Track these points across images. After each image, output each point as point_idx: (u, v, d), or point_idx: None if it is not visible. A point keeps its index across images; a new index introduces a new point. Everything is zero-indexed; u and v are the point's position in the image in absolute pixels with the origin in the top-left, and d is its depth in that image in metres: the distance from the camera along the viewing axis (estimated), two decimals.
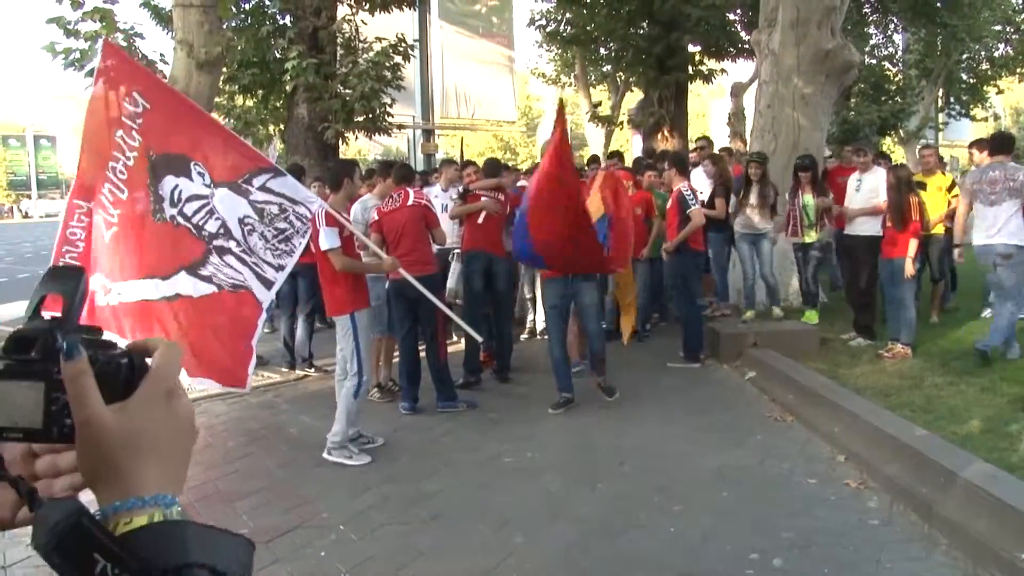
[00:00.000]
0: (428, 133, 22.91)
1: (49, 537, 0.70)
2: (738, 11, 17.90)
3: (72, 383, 0.72)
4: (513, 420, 6.84)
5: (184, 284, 5.20)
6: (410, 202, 7.04)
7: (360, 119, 13.28)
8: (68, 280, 0.74)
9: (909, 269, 7.77)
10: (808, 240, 9.48)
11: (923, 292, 9.08)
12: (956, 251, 8.29)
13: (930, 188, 9.20)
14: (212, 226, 5.18)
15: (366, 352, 6.09)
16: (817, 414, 6.43)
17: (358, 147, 28.08)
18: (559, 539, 4.60)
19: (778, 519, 4.72)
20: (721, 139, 20.82)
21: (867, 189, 8.63)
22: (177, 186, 5.20)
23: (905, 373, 7.22)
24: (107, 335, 0.80)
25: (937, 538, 4.39)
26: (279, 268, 5.33)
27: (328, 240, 5.83)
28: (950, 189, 9.40)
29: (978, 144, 8.55)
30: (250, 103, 15.02)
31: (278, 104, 14.33)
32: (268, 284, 5.31)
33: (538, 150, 39.98)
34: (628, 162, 12.41)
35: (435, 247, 7.31)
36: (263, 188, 5.28)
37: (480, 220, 8.08)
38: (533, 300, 10.41)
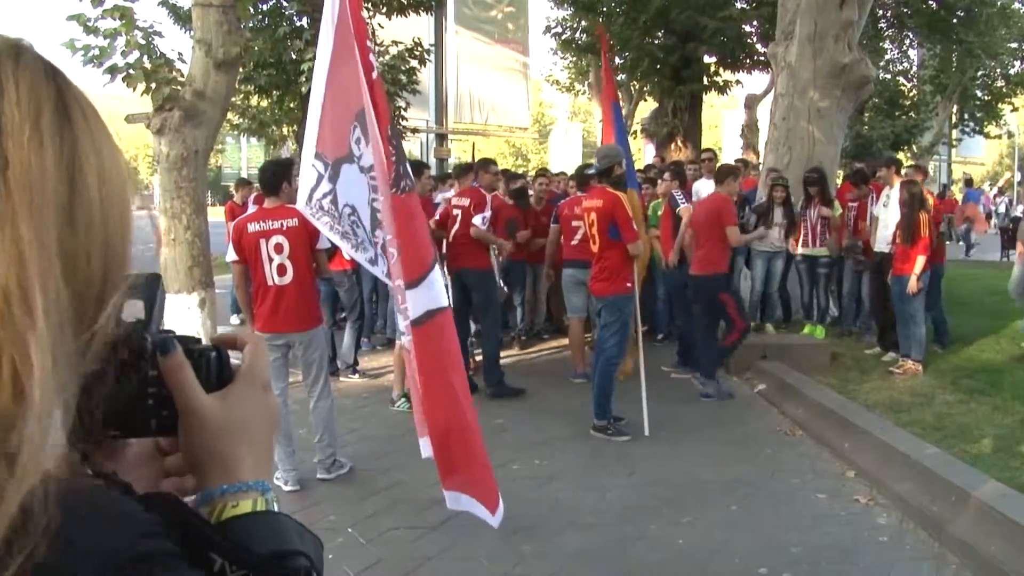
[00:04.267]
0: (441, 137, 22.93)
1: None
2: (754, 23, 17.90)
3: (172, 376, 0.76)
4: (522, 427, 6.83)
5: (432, 294, 3.87)
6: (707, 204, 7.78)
7: None
8: (146, 287, 0.77)
9: (913, 285, 7.76)
10: (818, 253, 9.52)
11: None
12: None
13: None
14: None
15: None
16: (827, 429, 6.41)
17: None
18: (568, 548, 4.59)
19: (787, 534, 4.71)
20: (734, 151, 20.78)
21: (895, 204, 8.50)
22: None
23: (916, 390, 7.20)
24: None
25: (947, 557, 4.36)
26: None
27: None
28: None
29: None
30: (265, 103, 15.06)
31: (293, 105, 14.35)
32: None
33: (549, 157, 40.02)
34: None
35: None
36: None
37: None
38: (535, 303, 10.43)
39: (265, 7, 13.71)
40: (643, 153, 22.67)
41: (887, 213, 8.66)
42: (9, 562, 0.56)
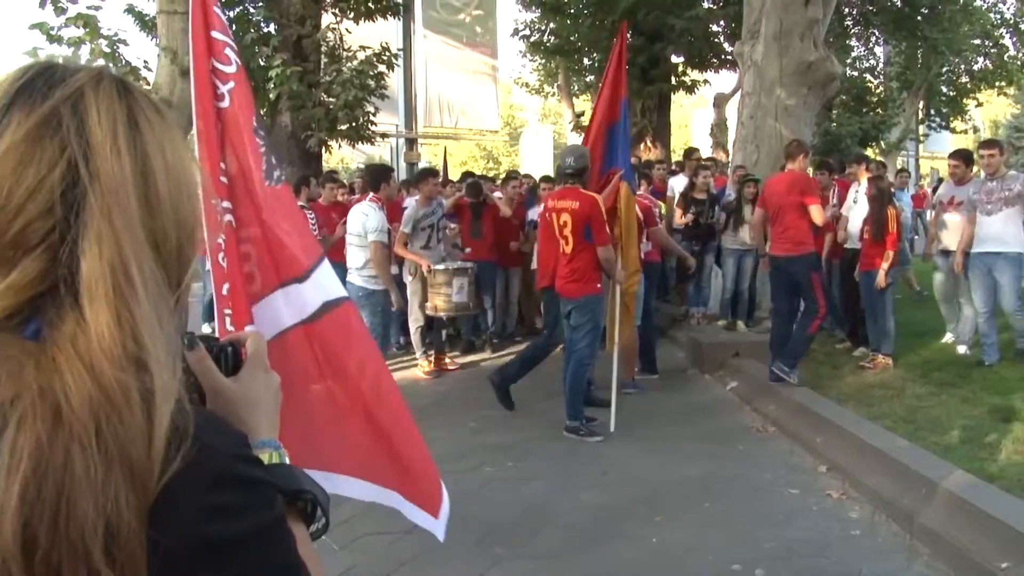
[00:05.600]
0: (411, 142, 22.88)
1: None
2: (721, 23, 17.99)
3: (197, 366, 1.01)
4: (494, 429, 6.82)
5: (327, 286, 3.44)
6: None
7: (343, 128, 13.23)
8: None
9: (881, 280, 7.82)
10: None
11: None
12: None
13: None
14: None
15: None
16: (799, 425, 6.45)
17: (341, 155, 28.01)
18: (541, 549, 4.58)
19: (760, 530, 4.72)
20: (704, 150, 20.87)
21: (863, 200, 8.54)
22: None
23: (887, 383, 7.25)
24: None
25: (919, 548, 4.40)
26: None
27: None
28: None
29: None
30: None
31: (261, 112, 14.26)
32: None
33: (520, 160, 40.05)
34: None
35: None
36: None
37: None
38: (507, 306, 10.42)
39: (232, 13, 13.61)
40: None
41: (856, 209, 8.72)
42: (173, 459, 0.74)
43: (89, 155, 0.78)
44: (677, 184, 10.99)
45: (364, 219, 7.08)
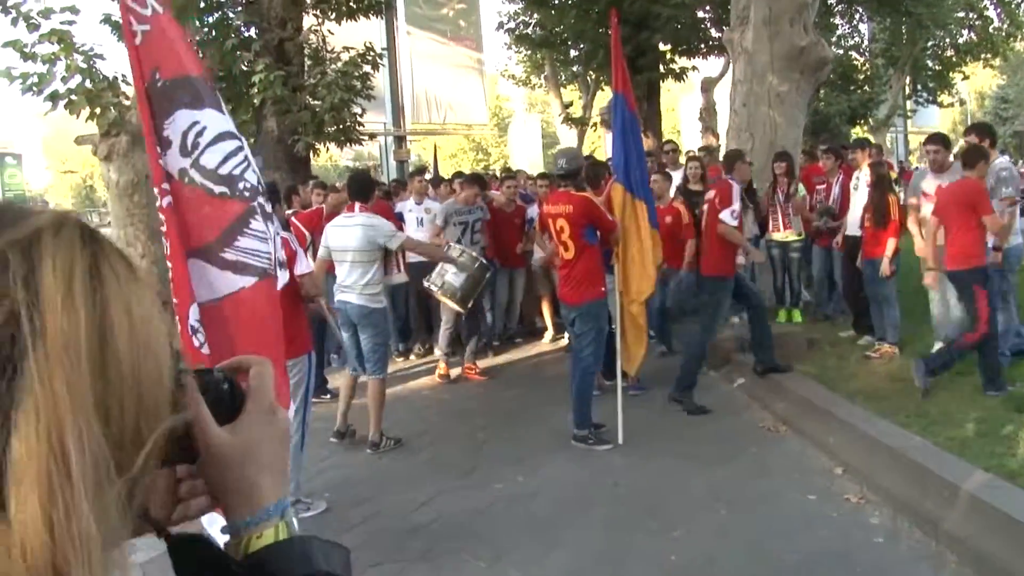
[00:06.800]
0: (400, 139, 22.68)
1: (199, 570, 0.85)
2: (707, 8, 17.83)
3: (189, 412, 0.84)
4: (501, 441, 6.67)
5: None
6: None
7: (331, 130, 13.05)
8: None
9: (886, 267, 7.68)
10: (791, 238, 9.46)
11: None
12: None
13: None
14: (251, 178, 3.53)
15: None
16: (810, 423, 6.32)
17: (329, 154, 27.80)
18: (555, 571, 4.45)
19: (780, 540, 4.59)
20: (692, 134, 20.74)
21: (864, 186, 8.35)
22: (197, 123, 3.57)
23: (895, 374, 7.11)
24: None
25: (945, 556, 4.27)
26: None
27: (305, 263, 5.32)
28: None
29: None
30: None
31: (246, 118, 14.04)
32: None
33: (510, 150, 39.87)
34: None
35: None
36: None
37: None
38: (510, 306, 10.27)
39: (211, 19, 13.41)
40: (604, 143, 22.56)
41: (856, 196, 8.57)
42: None
43: (35, 307, 0.65)
44: (675, 177, 10.83)
45: (372, 231, 6.56)
